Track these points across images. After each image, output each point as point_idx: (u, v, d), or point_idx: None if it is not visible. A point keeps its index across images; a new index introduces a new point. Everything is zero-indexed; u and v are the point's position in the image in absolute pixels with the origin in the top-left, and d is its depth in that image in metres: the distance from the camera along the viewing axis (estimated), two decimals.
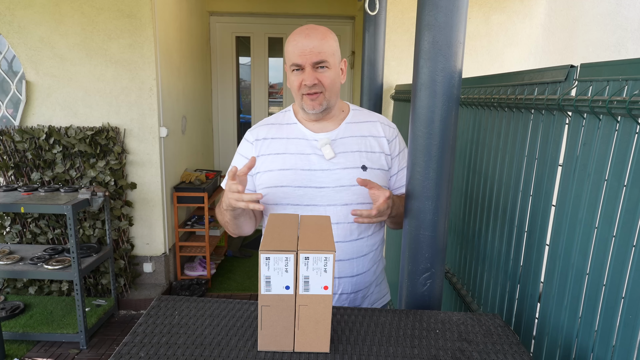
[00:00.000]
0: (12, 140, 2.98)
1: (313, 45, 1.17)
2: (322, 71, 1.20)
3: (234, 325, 0.91)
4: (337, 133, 1.29)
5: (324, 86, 1.21)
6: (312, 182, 1.24)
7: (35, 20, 2.97)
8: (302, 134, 1.29)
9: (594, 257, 0.87)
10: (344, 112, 1.34)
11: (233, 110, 4.89)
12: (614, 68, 0.81)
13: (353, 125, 1.32)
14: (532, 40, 3.16)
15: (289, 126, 1.32)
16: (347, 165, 1.25)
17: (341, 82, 1.27)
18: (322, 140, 1.26)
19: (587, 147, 0.89)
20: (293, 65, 1.20)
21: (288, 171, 1.25)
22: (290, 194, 1.24)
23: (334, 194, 1.23)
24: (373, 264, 1.32)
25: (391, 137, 1.33)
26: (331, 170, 1.24)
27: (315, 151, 1.26)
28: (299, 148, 1.27)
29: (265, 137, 1.31)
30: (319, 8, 4.49)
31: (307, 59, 1.18)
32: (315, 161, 1.25)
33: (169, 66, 3.34)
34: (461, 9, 0.94)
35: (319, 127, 1.30)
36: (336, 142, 1.28)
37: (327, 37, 1.21)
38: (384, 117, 1.38)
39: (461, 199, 1.63)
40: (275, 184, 1.25)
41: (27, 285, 3.16)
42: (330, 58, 1.20)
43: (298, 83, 1.21)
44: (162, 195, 3.26)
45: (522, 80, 1.17)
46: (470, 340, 0.89)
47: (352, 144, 1.28)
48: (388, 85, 3.01)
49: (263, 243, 0.79)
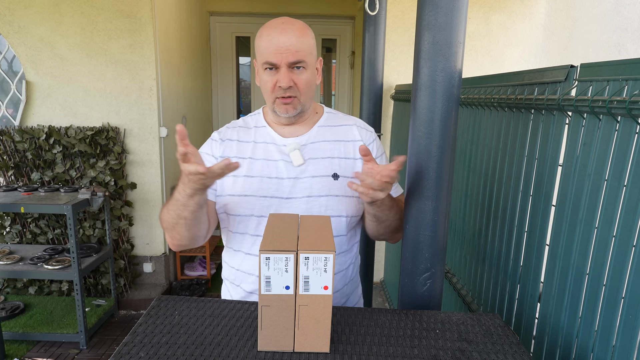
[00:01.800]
0: (12, 140, 2.98)
1: (290, 43, 1.05)
2: (299, 72, 1.08)
3: (234, 325, 0.91)
4: (307, 137, 1.18)
5: (299, 89, 1.10)
6: (278, 191, 1.13)
7: (35, 20, 2.97)
8: (270, 137, 1.18)
9: (594, 257, 0.87)
10: (317, 115, 1.23)
11: (233, 110, 4.89)
12: (614, 68, 0.81)
13: (326, 128, 1.21)
14: (532, 40, 3.16)
15: (257, 129, 1.20)
16: (316, 173, 1.14)
17: (316, 82, 1.15)
18: (291, 146, 1.14)
19: (587, 147, 0.89)
20: (266, 63, 1.07)
21: (253, 179, 1.13)
22: (255, 204, 1.12)
23: (302, 204, 1.12)
24: (343, 285, 1.21)
25: (368, 141, 1.22)
26: (299, 178, 1.13)
27: (284, 157, 1.15)
28: (267, 153, 1.16)
29: (231, 139, 1.19)
30: (319, 8, 4.49)
31: (283, 58, 1.05)
32: (282, 168, 1.14)
33: (169, 66, 3.34)
34: (461, 9, 0.94)
35: (289, 130, 1.19)
36: (306, 147, 1.16)
37: (305, 34, 1.09)
38: (360, 120, 1.27)
39: (461, 199, 1.63)
40: (239, 193, 1.13)
41: (27, 285, 3.16)
42: (307, 58, 1.08)
43: (272, 84, 1.09)
44: (162, 195, 3.26)
45: (522, 80, 1.17)
46: (470, 340, 0.89)
47: (324, 149, 1.17)
48: (388, 85, 3.01)
49: (263, 243, 0.79)
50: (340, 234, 1.17)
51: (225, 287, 1.28)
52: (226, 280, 1.27)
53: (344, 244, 1.19)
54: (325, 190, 1.13)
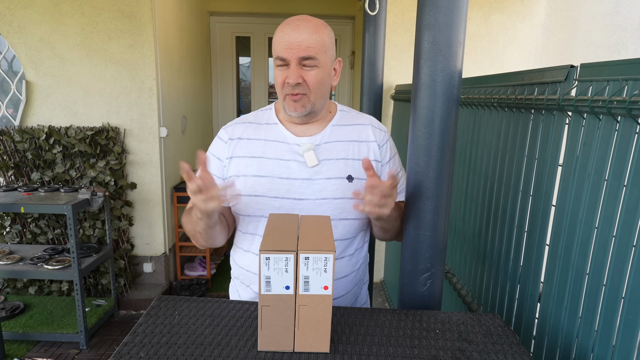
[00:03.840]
0: (12, 140, 2.98)
1: (302, 39, 1.03)
2: (309, 69, 1.05)
3: (234, 325, 0.91)
4: (321, 137, 1.14)
5: (309, 87, 1.06)
6: (290, 192, 1.09)
7: (35, 20, 2.97)
8: (282, 136, 1.14)
9: (594, 257, 0.87)
10: (331, 113, 1.20)
11: (233, 110, 4.89)
12: (614, 68, 0.81)
13: (340, 128, 1.17)
14: (532, 40, 3.16)
15: (268, 126, 1.17)
16: (331, 175, 1.11)
17: (333, 83, 1.12)
18: (305, 146, 1.11)
19: (587, 147, 0.89)
20: (278, 59, 1.05)
21: (264, 178, 1.10)
22: (266, 205, 1.09)
23: (315, 207, 1.09)
24: (353, 285, 1.19)
25: (382, 142, 1.18)
26: (312, 180, 1.10)
27: (296, 157, 1.11)
28: (278, 153, 1.12)
29: (240, 137, 1.15)
30: (319, 8, 4.49)
31: (293, 54, 1.03)
32: (295, 169, 1.10)
33: (169, 66, 3.34)
34: (461, 9, 0.94)
35: (302, 129, 1.15)
36: (320, 147, 1.13)
37: (320, 31, 1.06)
38: (375, 119, 1.23)
39: (461, 199, 1.63)
40: (249, 192, 1.10)
41: (27, 285, 3.16)
42: (320, 55, 1.05)
43: (282, 80, 1.06)
44: (162, 195, 3.26)
45: (522, 80, 1.17)
46: (470, 340, 0.89)
47: (339, 150, 1.14)
48: (388, 85, 3.01)
49: (263, 243, 0.79)
50: (353, 236, 1.16)
51: (234, 286, 1.26)
52: (236, 279, 1.24)
53: (357, 245, 1.18)
54: (340, 192, 1.10)
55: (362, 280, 1.26)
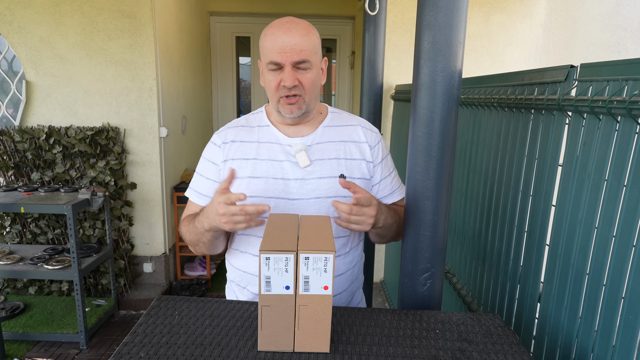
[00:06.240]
0: (12, 140, 2.98)
1: (295, 42, 1.05)
2: (304, 71, 1.08)
3: (234, 325, 0.91)
4: (313, 138, 1.17)
5: (305, 88, 1.09)
6: (284, 192, 1.12)
7: (35, 20, 2.97)
8: (275, 137, 1.17)
9: (594, 257, 0.87)
10: (322, 115, 1.22)
11: (233, 110, 4.89)
12: (614, 68, 0.81)
13: (331, 129, 1.20)
14: (532, 40, 3.16)
15: (260, 129, 1.19)
16: (324, 174, 1.13)
17: (322, 82, 1.16)
18: (297, 146, 1.13)
19: (587, 147, 0.89)
20: (271, 63, 1.07)
21: (258, 179, 1.13)
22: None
23: (309, 206, 1.12)
24: (350, 283, 1.21)
25: (373, 143, 1.21)
26: (306, 179, 1.12)
27: (290, 158, 1.14)
28: (271, 154, 1.15)
29: (233, 140, 1.18)
30: (319, 8, 4.49)
31: (288, 58, 1.05)
32: (289, 169, 1.13)
33: (169, 66, 3.34)
34: (461, 9, 0.94)
35: (294, 131, 1.17)
36: (312, 147, 1.15)
37: (310, 34, 1.08)
38: (365, 121, 1.26)
39: (461, 199, 1.63)
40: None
41: (27, 285, 3.16)
42: (312, 57, 1.08)
43: (276, 83, 1.08)
44: (162, 195, 3.26)
45: (522, 80, 1.17)
46: (470, 340, 0.89)
47: (330, 150, 1.16)
48: (388, 85, 3.01)
49: (263, 243, 0.79)
50: (347, 234, 1.18)
51: (231, 289, 1.26)
52: (232, 282, 1.25)
53: (352, 243, 1.20)
54: (333, 191, 1.13)
55: (358, 279, 1.28)
